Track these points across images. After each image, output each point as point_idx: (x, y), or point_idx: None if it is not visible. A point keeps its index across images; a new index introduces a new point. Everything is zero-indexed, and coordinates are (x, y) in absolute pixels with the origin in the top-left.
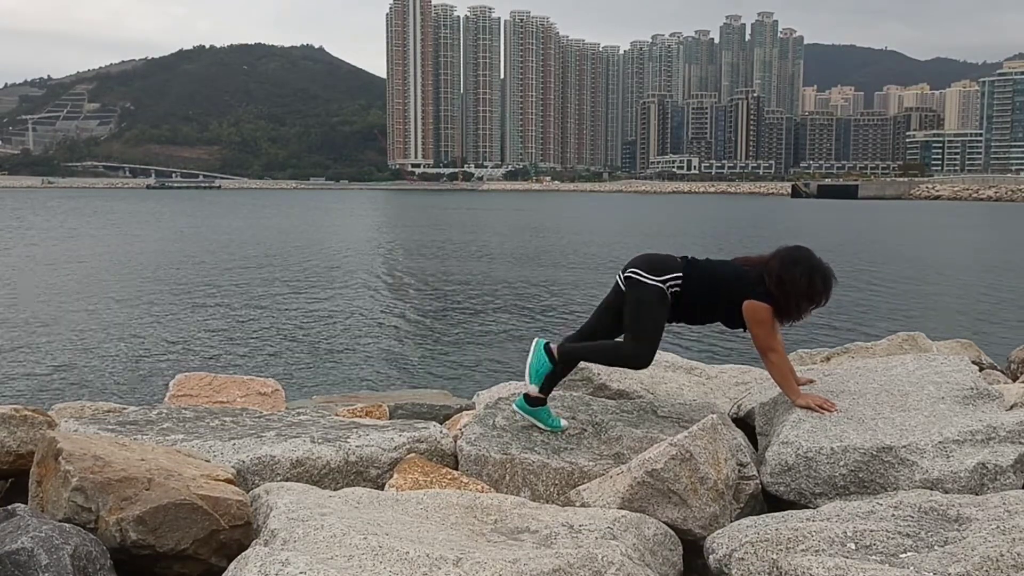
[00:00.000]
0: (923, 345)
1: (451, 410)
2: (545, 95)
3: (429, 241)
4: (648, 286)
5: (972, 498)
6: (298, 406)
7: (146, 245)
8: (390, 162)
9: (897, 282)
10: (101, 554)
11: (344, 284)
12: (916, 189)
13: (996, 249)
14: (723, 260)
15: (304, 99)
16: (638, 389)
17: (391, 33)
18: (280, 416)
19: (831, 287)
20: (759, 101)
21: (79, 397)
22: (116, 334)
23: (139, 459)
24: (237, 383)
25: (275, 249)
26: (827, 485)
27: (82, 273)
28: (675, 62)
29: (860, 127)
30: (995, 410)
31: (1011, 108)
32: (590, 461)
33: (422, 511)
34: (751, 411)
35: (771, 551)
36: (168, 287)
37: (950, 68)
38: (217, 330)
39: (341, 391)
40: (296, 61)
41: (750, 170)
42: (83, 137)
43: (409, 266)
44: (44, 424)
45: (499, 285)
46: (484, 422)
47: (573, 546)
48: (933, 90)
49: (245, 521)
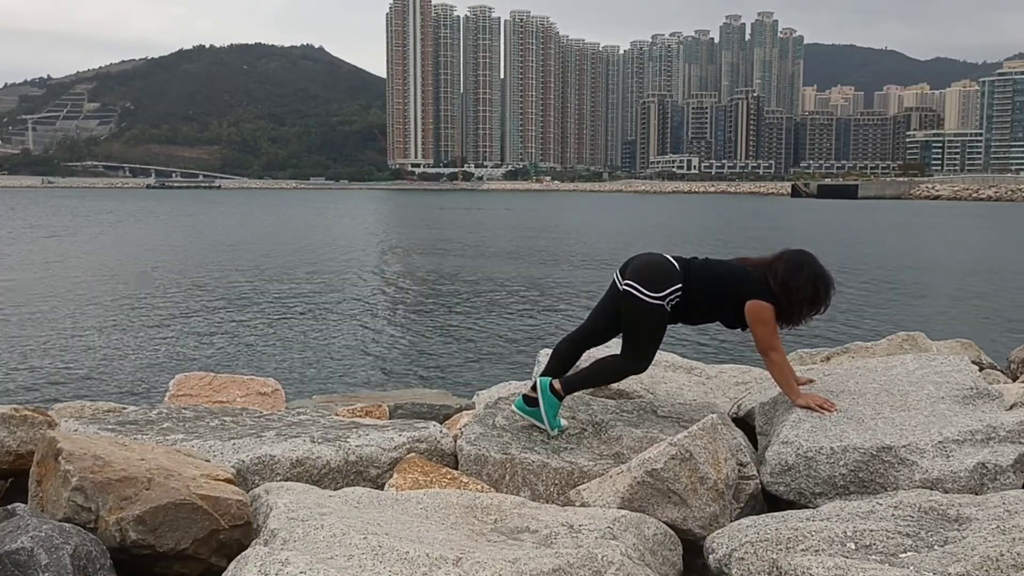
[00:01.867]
0: (923, 345)
1: (451, 410)
2: (545, 95)
3: (429, 241)
4: (647, 304)
5: (972, 498)
6: (298, 406)
7: (146, 245)
8: (390, 162)
9: (897, 282)
10: (101, 554)
11: (344, 284)
12: (916, 189)
13: (996, 249)
14: (724, 260)
15: (304, 99)
16: (638, 389)
17: (391, 33)
18: (280, 416)
19: (832, 295)
20: (759, 101)
21: (79, 397)
22: (116, 334)
23: (139, 459)
24: (237, 383)
25: (275, 249)
26: (827, 485)
27: (82, 273)
28: (675, 62)
29: (860, 127)
30: (995, 410)
31: (1011, 108)
32: (590, 461)
33: (422, 511)
34: (751, 411)
35: (771, 551)
36: (168, 287)
37: (950, 68)
38: (217, 330)
39: (341, 391)
40: (296, 61)
41: (750, 170)
42: (83, 137)
43: (409, 266)
44: (44, 424)
45: (499, 285)
46: (484, 422)
47: (573, 546)
48: (933, 90)
49: (245, 521)
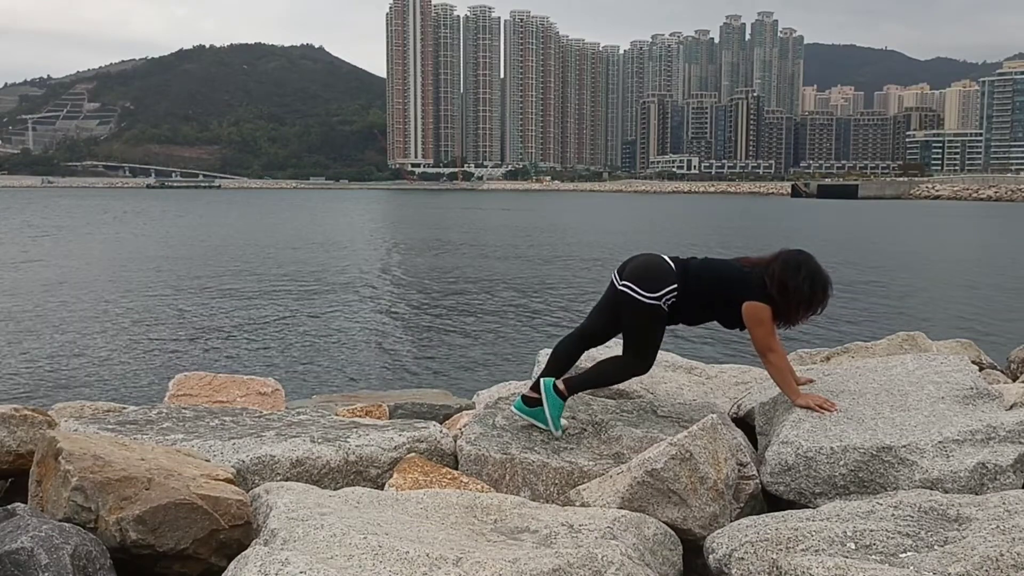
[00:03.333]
0: (923, 345)
1: (451, 410)
2: (545, 95)
3: (429, 240)
4: (644, 305)
5: (972, 498)
6: (298, 406)
7: (145, 244)
8: (390, 162)
9: (897, 282)
10: (101, 554)
11: (344, 284)
12: (916, 189)
13: (996, 249)
14: (723, 260)
15: (304, 99)
16: (638, 389)
17: (391, 33)
18: (280, 416)
19: (829, 297)
20: (759, 101)
21: (79, 397)
22: (116, 334)
23: (139, 459)
24: (237, 383)
25: (275, 249)
26: (827, 485)
27: (82, 272)
28: (675, 62)
29: (860, 127)
30: (995, 410)
31: (1011, 108)
32: (590, 461)
33: (422, 511)
34: (751, 411)
35: (771, 551)
36: (168, 286)
37: (950, 68)
38: (217, 330)
39: (341, 391)
40: (296, 61)
41: (750, 170)
42: (83, 137)
43: (409, 266)
44: (44, 424)
45: (499, 284)
46: (484, 422)
47: (573, 546)
48: (933, 90)
49: (245, 521)
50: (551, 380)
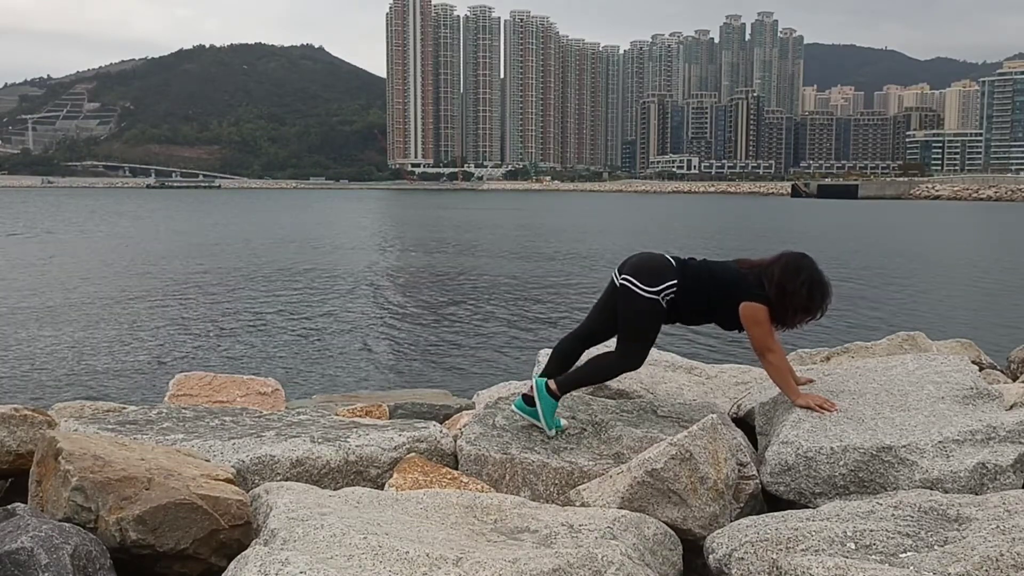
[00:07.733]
0: (923, 345)
1: (451, 410)
2: (545, 95)
3: (429, 240)
4: (642, 298)
5: (972, 498)
6: (298, 406)
7: (145, 244)
8: (390, 162)
9: (897, 282)
10: (101, 554)
11: (344, 284)
12: (916, 189)
13: (996, 249)
14: (722, 261)
15: (304, 99)
16: (638, 389)
17: (391, 33)
18: (280, 416)
19: (828, 302)
20: (759, 101)
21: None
22: (116, 334)
23: (139, 459)
24: (237, 383)
25: (275, 249)
26: (827, 485)
27: (81, 272)
28: (675, 62)
29: (860, 127)
30: (995, 410)
31: (1011, 108)
32: (590, 461)
33: (422, 511)
34: (751, 411)
35: (771, 551)
36: (168, 286)
37: (950, 68)
38: (217, 330)
39: (341, 391)
40: (296, 61)
41: (750, 170)
42: (83, 137)
43: (409, 266)
44: (44, 424)
45: (499, 285)
46: (484, 422)
47: (573, 546)
48: (933, 90)
49: (245, 521)
50: (543, 380)
